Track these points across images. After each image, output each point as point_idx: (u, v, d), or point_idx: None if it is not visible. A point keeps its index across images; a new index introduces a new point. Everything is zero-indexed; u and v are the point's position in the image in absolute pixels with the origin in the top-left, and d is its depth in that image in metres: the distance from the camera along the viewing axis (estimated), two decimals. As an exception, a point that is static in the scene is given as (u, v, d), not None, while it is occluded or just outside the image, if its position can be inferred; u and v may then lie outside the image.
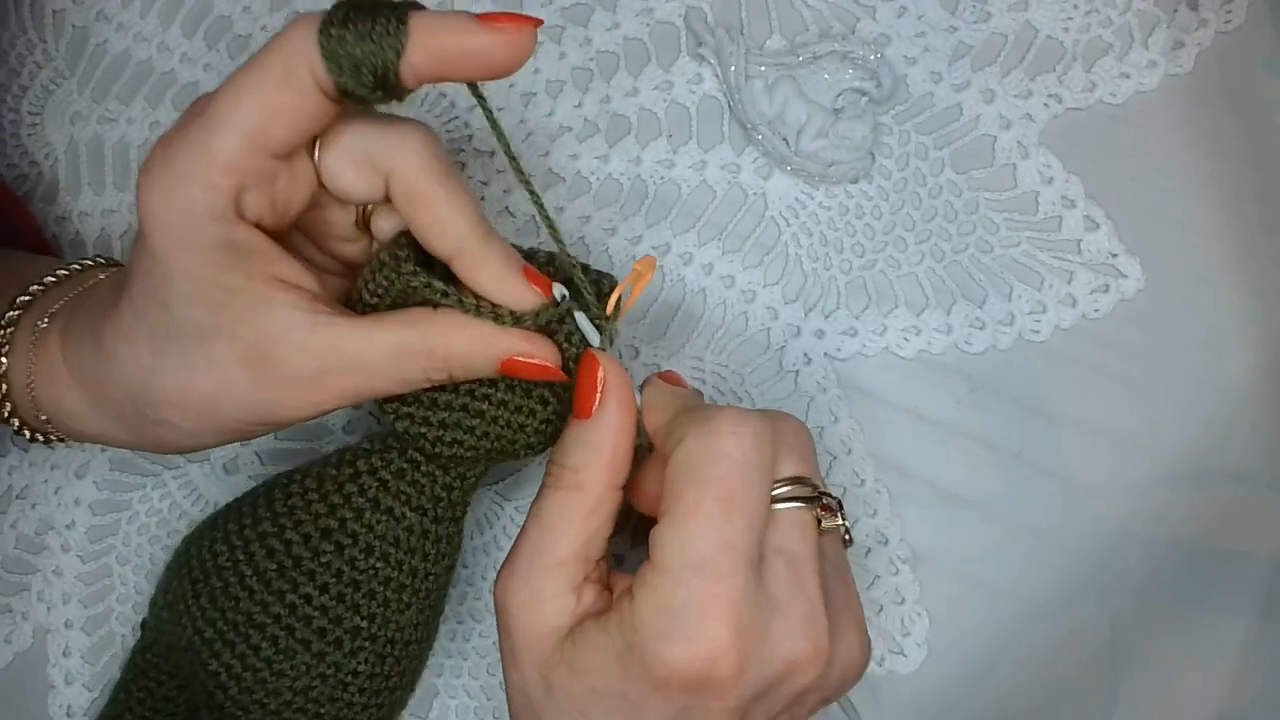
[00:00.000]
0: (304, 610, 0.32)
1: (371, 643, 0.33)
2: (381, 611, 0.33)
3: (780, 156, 0.41)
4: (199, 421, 0.30)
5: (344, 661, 0.33)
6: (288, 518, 0.33)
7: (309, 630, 0.33)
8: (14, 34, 0.48)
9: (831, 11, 0.43)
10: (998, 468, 0.39)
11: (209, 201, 0.28)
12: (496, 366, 0.30)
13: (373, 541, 0.33)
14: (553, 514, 0.30)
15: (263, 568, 0.33)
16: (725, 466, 0.28)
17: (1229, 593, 0.37)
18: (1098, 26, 0.42)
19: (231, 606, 0.33)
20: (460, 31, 0.27)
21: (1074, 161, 0.41)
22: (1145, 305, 0.40)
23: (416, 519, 0.33)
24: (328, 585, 0.33)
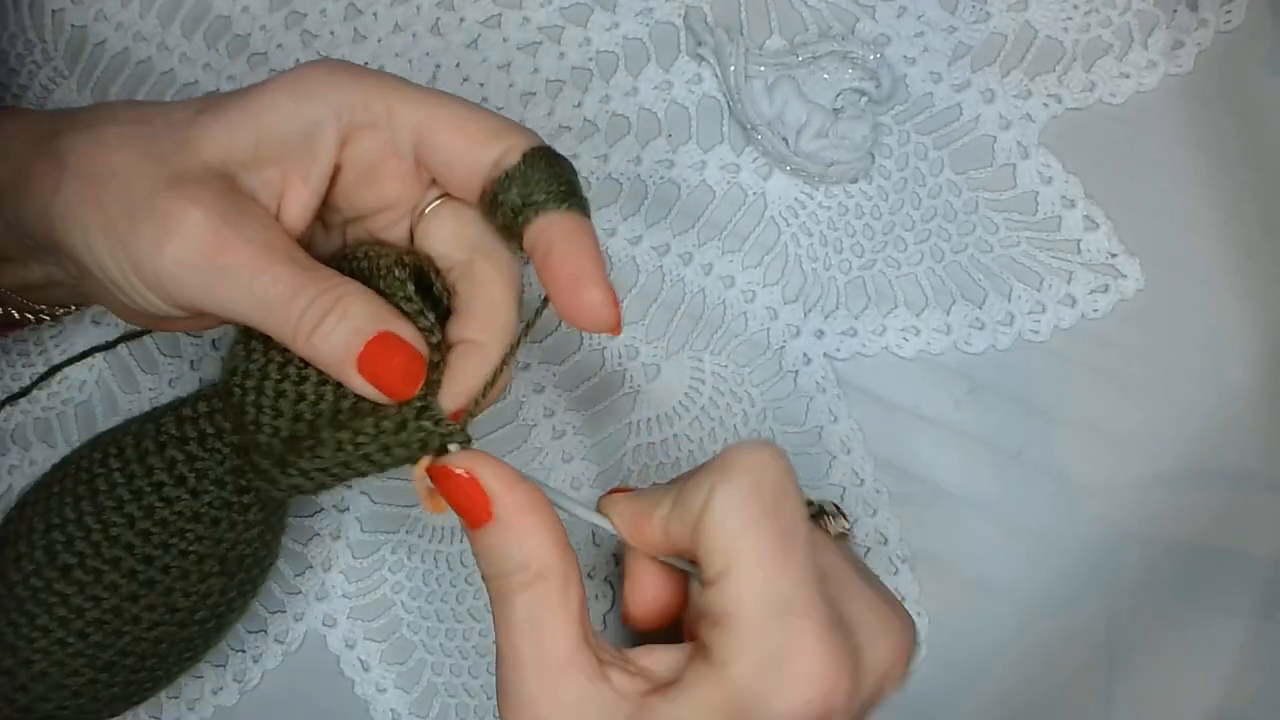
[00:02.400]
0: (76, 575, 0.32)
1: (134, 625, 0.33)
2: (154, 598, 0.33)
3: (780, 156, 0.41)
4: (82, 181, 0.29)
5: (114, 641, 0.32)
6: (104, 473, 0.33)
7: (99, 610, 0.32)
8: (13, 33, 0.48)
9: (831, 11, 0.43)
10: (997, 468, 0.39)
11: (357, 105, 0.30)
12: (361, 345, 0.29)
13: (168, 515, 0.32)
14: (532, 619, 0.27)
15: (65, 517, 0.32)
16: (773, 499, 0.26)
17: (1227, 593, 0.38)
18: (1097, 26, 0.42)
19: (22, 582, 0.32)
20: (592, 259, 0.29)
21: (1073, 161, 0.41)
22: (1144, 305, 0.40)
23: (218, 513, 0.33)
24: (118, 559, 0.32)
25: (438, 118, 0.29)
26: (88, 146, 0.30)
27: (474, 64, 0.45)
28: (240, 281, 0.28)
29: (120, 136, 0.30)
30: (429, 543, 0.41)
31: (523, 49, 0.45)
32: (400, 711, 0.40)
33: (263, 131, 0.29)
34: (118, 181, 0.29)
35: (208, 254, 0.28)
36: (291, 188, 0.30)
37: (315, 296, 0.29)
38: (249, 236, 0.29)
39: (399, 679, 0.40)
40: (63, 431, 0.44)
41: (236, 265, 0.28)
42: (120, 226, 0.29)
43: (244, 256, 0.28)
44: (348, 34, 0.46)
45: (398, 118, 0.30)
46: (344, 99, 0.29)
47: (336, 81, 0.30)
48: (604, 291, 0.28)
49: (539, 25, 0.45)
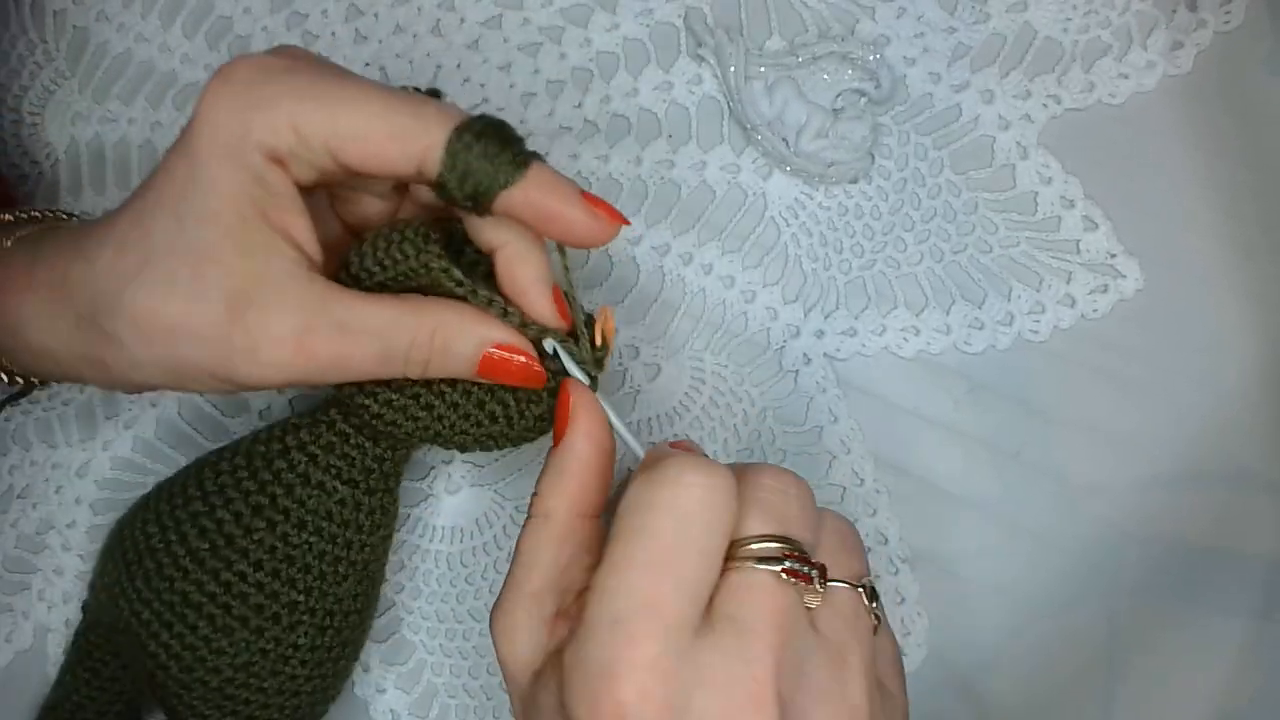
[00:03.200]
0: (239, 587, 0.33)
1: (310, 616, 0.34)
2: (318, 585, 0.34)
3: (780, 157, 0.42)
4: (153, 348, 0.30)
5: (283, 636, 0.33)
6: (218, 496, 0.33)
7: (246, 607, 0.33)
8: (14, 34, 0.48)
9: (831, 12, 0.43)
10: (996, 467, 0.39)
11: (268, 139, 0.28)
12: (477, 361, 0.31)
13: (305, 516, 0.33)
14: (524, 544, 0.29)
15: (195, 547, 0.33)
16: (660, 519, 0.25)
17: (1226, 593, 0.38)
18: (1096, 27, 0.42)
19: (166, 587, 0.33)
20: (564, 200, 0.29)
21: (1073, 162, 0.41)
22: (1144, 305, 0.40)
23: (348, 492, 0.34)
24: (262, 562, 0.33)
25: (342, 136, 0.28)
26: (135, 322, 0.30)
27: (475, 65, 0.45)
28: (337, 369, 0.30)
29: (152, 296, 0.29)
30: (429, 543, 0.41)
31: (523, 49, 0.45)
32: (400, 712, 0.40)
33: (234, 209, 0.29)
34: (188, 337, 0.29)
35: (301, 363, 0.30)
36: (291, 227, 0.30)
37: (407, 350, 0.30)
38: (324, 329, 0.30)
39: (398, 680, 0.40)
40: (63, 431, 0.44)
41: (328, 362, 0.30)
42: (216, 370, 0.30)
43: (330, 352, 0.30)
44: (349, 35, 0.46)
45: (307, 141, 0.29)
46: (256, 137, 0.28)
47: (239, 118, 0.28)
48: (584, 214, 0.29)
49: (540, 26, 0.45)
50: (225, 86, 0.28)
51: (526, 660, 0.28)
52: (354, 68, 0.46)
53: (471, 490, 0.41)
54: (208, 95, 0.29)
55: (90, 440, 0.43)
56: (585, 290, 0.42)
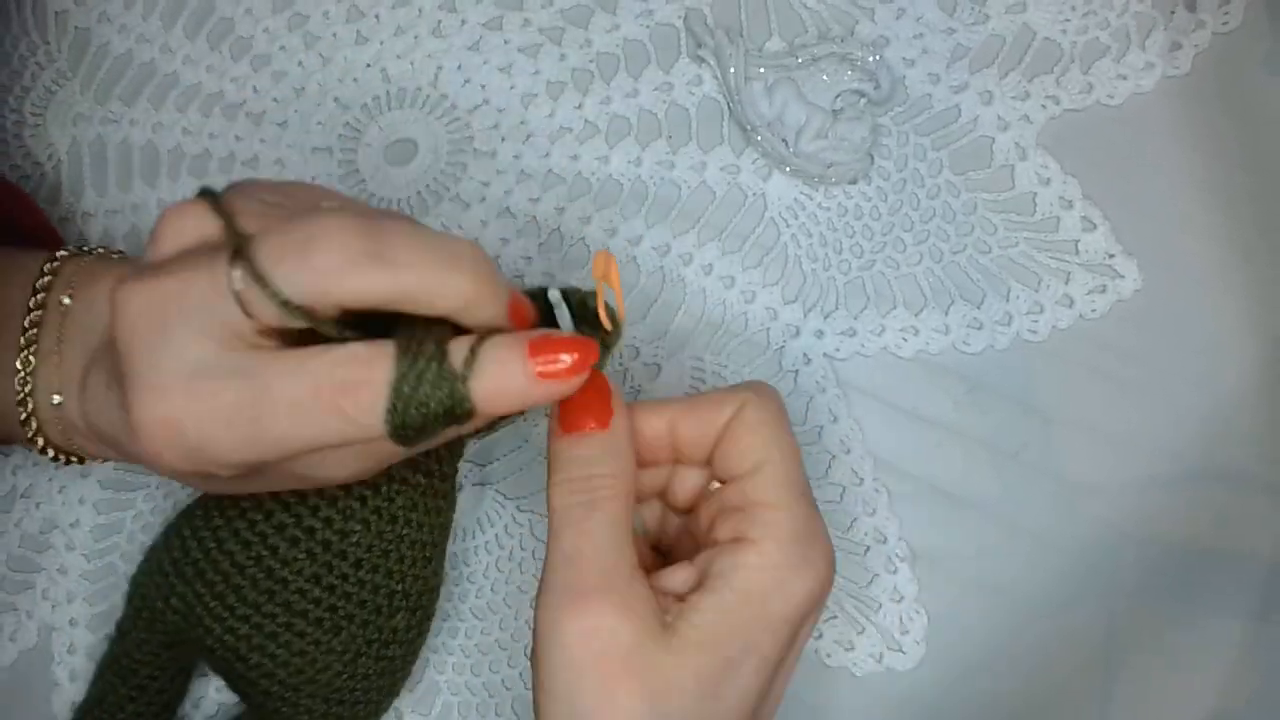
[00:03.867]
0: (344, 588, 0.33)
1: (406, 600, 0.35)
2: (412, 571, 0.35)
3: (779, 157, 0.42)
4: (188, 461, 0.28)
5: (385, 623, 0.35)
6: (302, 505, 0.33)
7: (351, 604, 0.34)
8: (16, 36, 0.48)
9: (830, 13, 0.43)
10: (995, 467, 0.39)
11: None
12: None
13: (396, 512, 0.34)
14: (613, 528, 0.29)
15: (290, 557, 0.33)
16: (786, 419, 0.31)
17: (1224, 594, 0.38)
18: (1095, 28, 0.42)
19: (266, 600, 0.33)
20: (519, 394, 0.27)
21: (1071, 163, 0.41)
22: (1142, 306, 0.40)
23: (427, 483, 0.35)
24: (361, 560, 0.33)
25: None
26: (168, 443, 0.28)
27: (475, 66, 0.45)
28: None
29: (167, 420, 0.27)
30: (430, 542, 0.41)
31: (524, 51, 0.45)
32: (402, 710, 0.40)
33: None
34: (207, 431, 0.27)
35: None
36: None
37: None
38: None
39: (401, 677, 0.40)
40: (66, 431, 0.44)
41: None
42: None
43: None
44: (350, 36, 0.46)
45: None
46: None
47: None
48: (537, 388, 0.27)
49: (540, 27, 0.45)
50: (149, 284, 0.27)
51: (654, 628, 0.28)
52: (355, 69, 0.46)
53: (473, 490, 0.41)
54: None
55: (93, 440, 0.43)
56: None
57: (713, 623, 0.28)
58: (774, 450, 0.30)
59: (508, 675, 0.40)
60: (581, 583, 0.28)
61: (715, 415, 0.31)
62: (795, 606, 0.29)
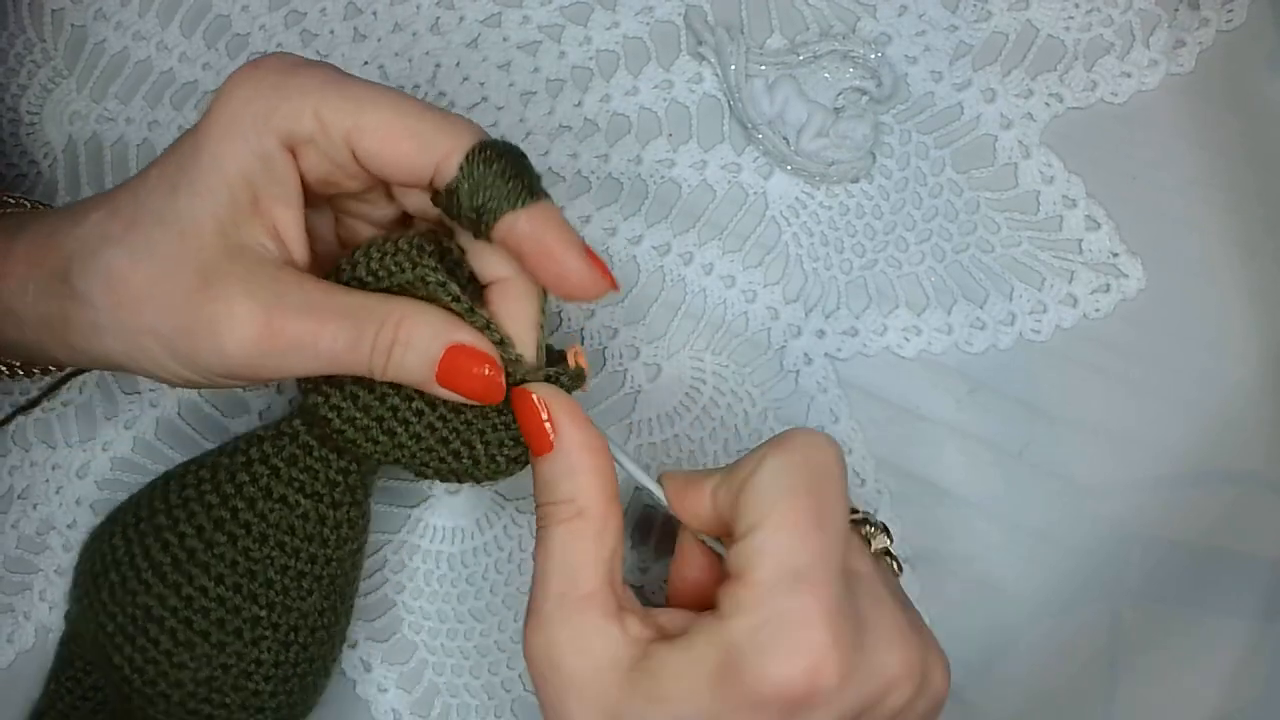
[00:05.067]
0: (200, 602, 0.32)
1: (273, 631, 0.33)
2: (281, 599, 0.33)
3: (781, 156, 0.41)
4: (118, 312, 0.30)
5: (245, 650, 0.33)
6: (181, 509, 0.33)
7: (207, 621, 0.33)
8: (12, 33, 0.48)
9: (832, 10, 0.43)
10: (998, 468, 0.39)
11: (288, 122, 0.29)
12: (436, 364, 0.30)
13: (266, 530, 0.33)
14: (564, 550, 0.29)
15: (158, 560, 0.33)
16: (817, 478, 0.28)
17: (1229, 594, 0.38)
18: (1099, 26, 0.42)
19: (129, 600, 0.33)
20: (565, 242, 0.29)
21: (1075, 161, 0.41)
22: (1146, 305, 0.40)
23: (311, 505, 0.33)
24: (223, 576, 0.33)
25: (364, 128, 0.29)
26: (107, 281, 0.30)
27: (474, 63, 0.45)
28: (303, 351, 0.29)
29: (129, 257, 0.29)
30: (430, 543, 0.41)
31: (523, 48, 0.45)
32: (401, 711, 0.40)
33: (229, 186, 0.29)
34: (154, 303, 0.29)
35: (265, 342, 0.29)
36: (280, 220, 0.30)
37: (375, 336, 0.30)
38: (294, 306, 0.29)
39: (400, 679, 0.40)
40: (63, 432, 0.44)
41: (295, 340, 0.29)
42: (179, 344, 0.30)
43: (296, 330, 0.29)
44: (347, 33, 0.46)
45: (328, 129, 0.29)
46: (278, 119, 0.29)
47: (264, 100, 0.29)
48: (581, 263, 0.29)
49: (539, 24, 0.45)
50: (255, 71, 0.29)
51: (608, 662, 0.27)
52: (352, 66, 0.45)
53: (472, 490, 0.41)
54: (235, 76, 0.29)
55: (90, 441, 0.43)
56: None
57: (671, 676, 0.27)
58: (769, 515, 0.27)
59: (507, 677, 0.40)
60: (538, 609, 0.29)
61: (737, 476, 0.29)
62: (769, 689, 0.26)
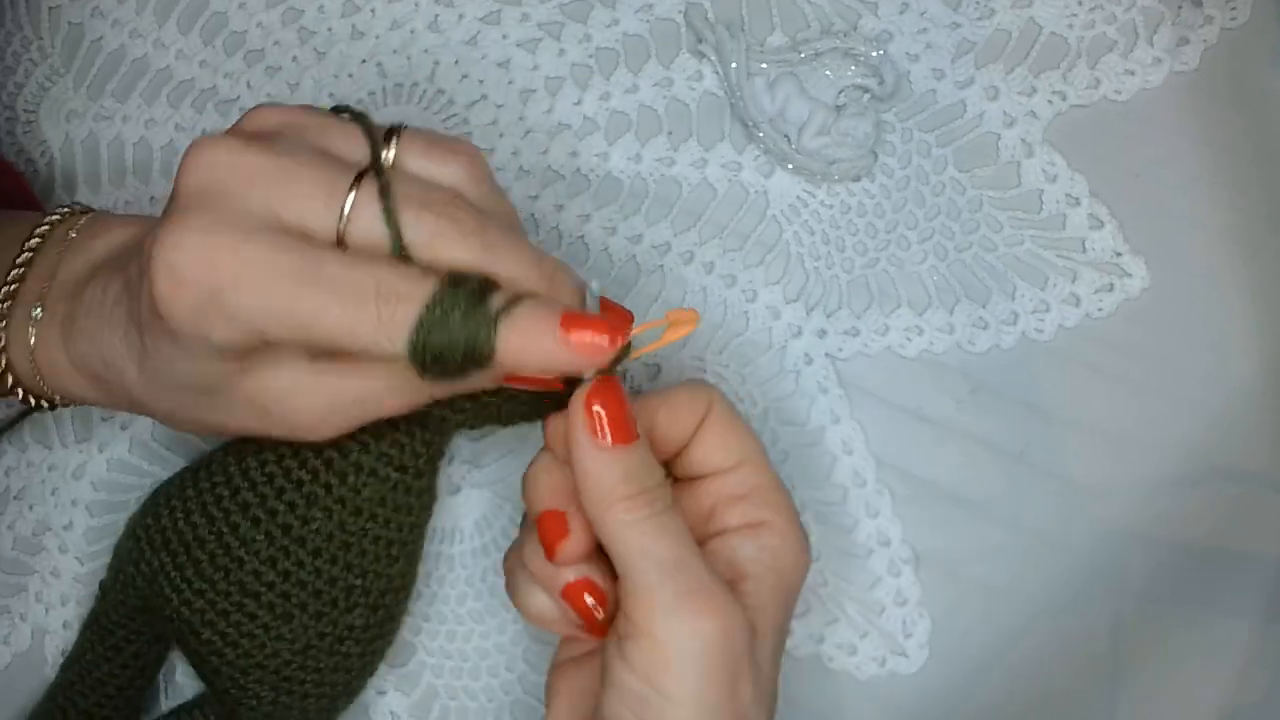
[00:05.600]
0: (299, 575, 0.33)
1: (365, 597, 0.34)
2: (374, 568, 0.34)
3: (781, 154, 0.41)
4: (176, 363, 0.30)
5: (341, 618, 0.34)
6: (268, 485, 0.33)
7: (305, 594, 0.33)
8: (9, 31, 0.48)
9: (833, 8, 0.43)
10: (1000, 468, 0.39)
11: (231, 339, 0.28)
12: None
13: (361, 504, 0.33)
14: (677, 537, 0.29)
15: (249, 537, 0.33)
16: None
17: (1232, 594, 0.37)
18: (1102, 23, 0.41)
19: (222, 578, 0.33)
20: (544, 352, 0.28)
21: (1078, 159, 0.40)
22: (1150, 304, 0.39)
23: (399, 477, 0.34)
24: (320, 550, 0.33)
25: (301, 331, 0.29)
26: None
27: (473, 61, 0.44)
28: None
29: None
30: (429, 544, 0.41)
31: (522, 46, 0.44)
32: (400, 713, 0.40)
33: None
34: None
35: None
36: None
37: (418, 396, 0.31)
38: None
39: (399, 681, 0.40)
40: (59, 433, 0.43)
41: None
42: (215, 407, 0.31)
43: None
44: (345, 30, 0.46)
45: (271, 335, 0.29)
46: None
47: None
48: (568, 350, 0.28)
49: (539, 22, 0.44)
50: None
51: (744, 642, 0.29)
52: (350, 64, 0.45)
53: (470, 491, 0.41)
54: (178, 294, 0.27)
55: (87, 442, 0.43)
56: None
57: (764, 607, 0.30)
58: (753, 440, 0.32)
59: (506, 680, 0.39)
60: (699, 588, 0.29)
61: (690, 413, 0.32)
62: (802, 577, 0.31)
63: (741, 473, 0.32)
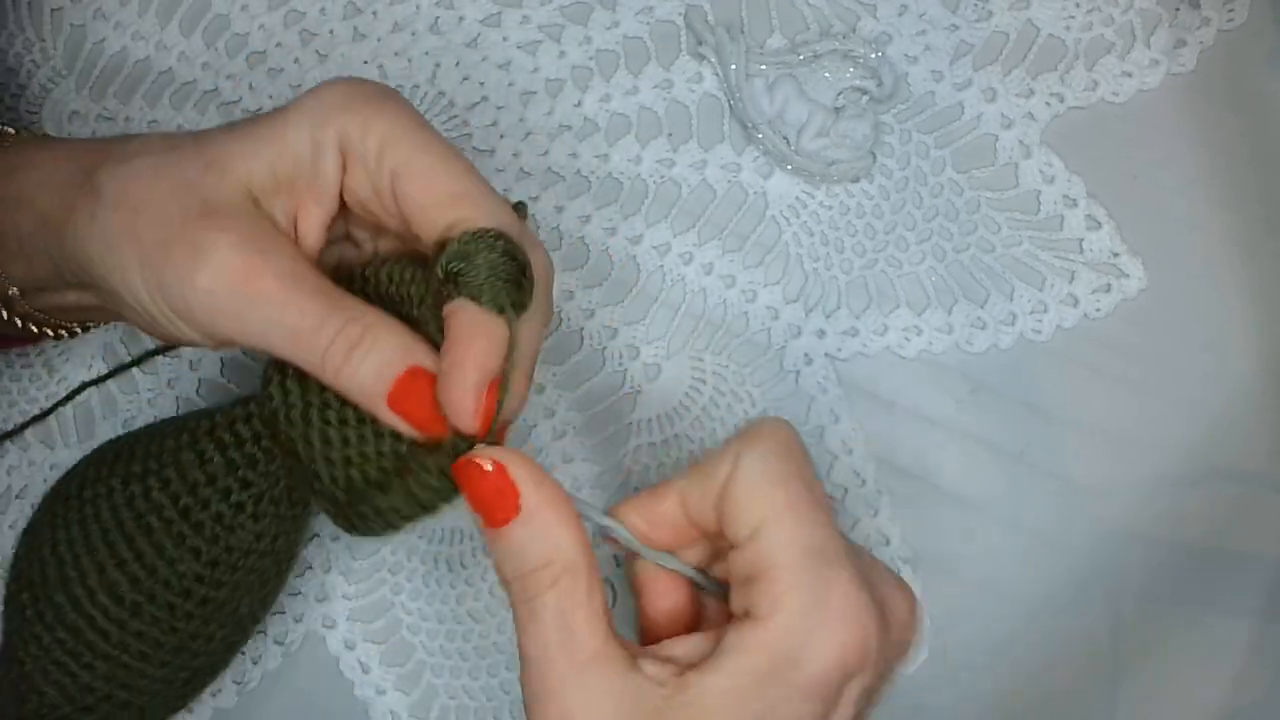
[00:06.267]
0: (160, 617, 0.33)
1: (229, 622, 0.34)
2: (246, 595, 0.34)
3: (781, 155, 0.41)
4: (119, 212, 0.30)
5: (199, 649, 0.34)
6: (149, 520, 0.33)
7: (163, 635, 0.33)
8: (11, 32, 0.48)
9: (832, 10, 0.43)
10: (999, 468, 0.39)
11: (347, 132, 0.30)
12: (394, 377, 0.29)
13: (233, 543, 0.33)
14: (560, 615, 0.27)
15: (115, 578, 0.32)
16: (796, 459, 0.28)
17: (1231, 594, 0.37)
18: (1099, 25, 0.42)
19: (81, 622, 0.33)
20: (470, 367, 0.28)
21: (1076, 161, 0.41)
22: (1147, 305, 0.39)
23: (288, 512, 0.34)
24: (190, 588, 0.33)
25: (413, 166, 0.29)
26: (123, 180, 0.30)
27: (474, 62, 0.45)
28: (269, 312, 0.29)
29: (154, 167, 0.30)
30: (429, 544, 0.41)
31: (523, 48, 0.45)
32: (400, 713, 0.40)
33: (277, 155, 0.30)
34: (151, 213, 0.29)
35: (237, 284, 0.29)
36: (305, 209, 0.31)
37: (341, 327, 0.29)
38: (277, 268, 0.29)
39: (398, 681, 0.40)
40: (61, 432, 0.43)
41: (265, 296, 0.29)
42: (155, 257, 0.29)
43: (272, 287, 0.29)
44: (347, 32, 0.46)
45: (383, 156, 0.29)
46: (347, 127, 0.29)
47: (346, 105, 0.30)
48: (463, 395, 0.28)
49: (539, 24, 0.45)
50: (352, 83, 0.31)
51: (642, 713, 0.26)
52: (352, 66, 0.45)
53: (471, 491, 0.41)
54: (337, 80, 0.31)
55: (88, 441, 0.43)
56: (585, 290, 0.42)
57: (716, 697, 0.26)
58: (771, 507, 0.27)
59: (506, 679, 0.40)
60: (547, 686, 0.27)
61: (712, 480, 0.28)
62: (822, 671, 0.26)
63: (753, 549, 0.27)
